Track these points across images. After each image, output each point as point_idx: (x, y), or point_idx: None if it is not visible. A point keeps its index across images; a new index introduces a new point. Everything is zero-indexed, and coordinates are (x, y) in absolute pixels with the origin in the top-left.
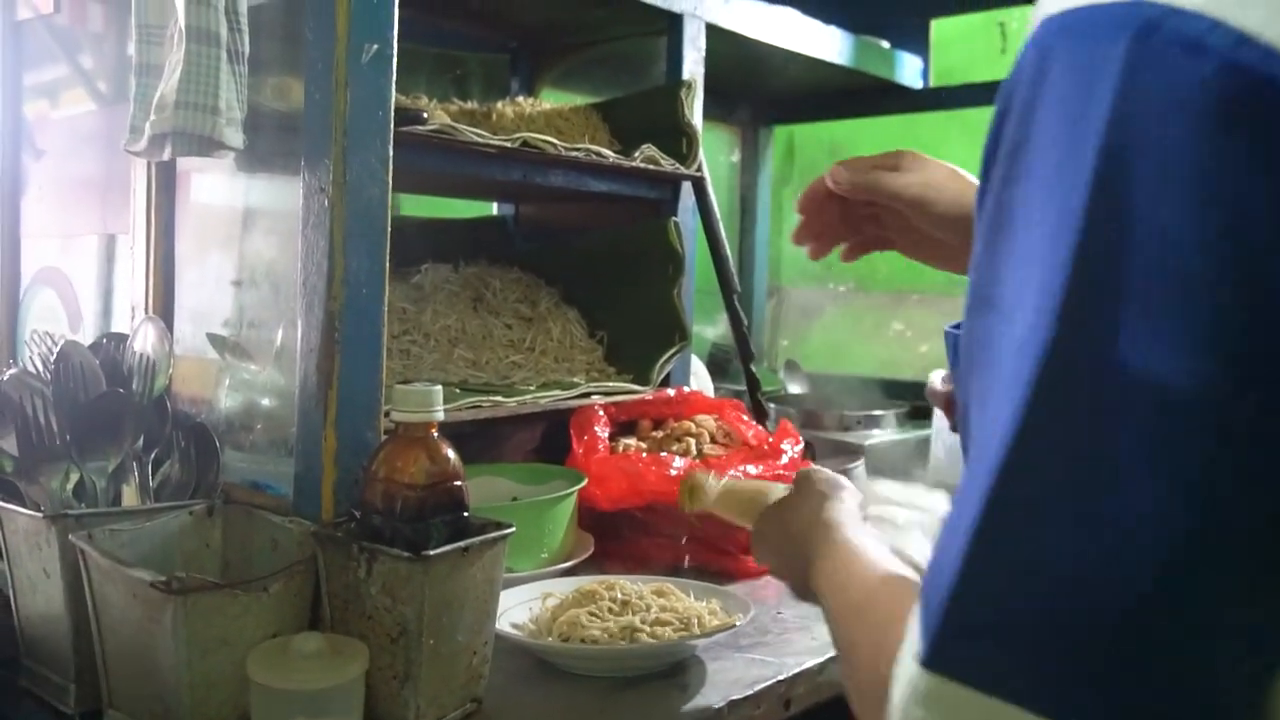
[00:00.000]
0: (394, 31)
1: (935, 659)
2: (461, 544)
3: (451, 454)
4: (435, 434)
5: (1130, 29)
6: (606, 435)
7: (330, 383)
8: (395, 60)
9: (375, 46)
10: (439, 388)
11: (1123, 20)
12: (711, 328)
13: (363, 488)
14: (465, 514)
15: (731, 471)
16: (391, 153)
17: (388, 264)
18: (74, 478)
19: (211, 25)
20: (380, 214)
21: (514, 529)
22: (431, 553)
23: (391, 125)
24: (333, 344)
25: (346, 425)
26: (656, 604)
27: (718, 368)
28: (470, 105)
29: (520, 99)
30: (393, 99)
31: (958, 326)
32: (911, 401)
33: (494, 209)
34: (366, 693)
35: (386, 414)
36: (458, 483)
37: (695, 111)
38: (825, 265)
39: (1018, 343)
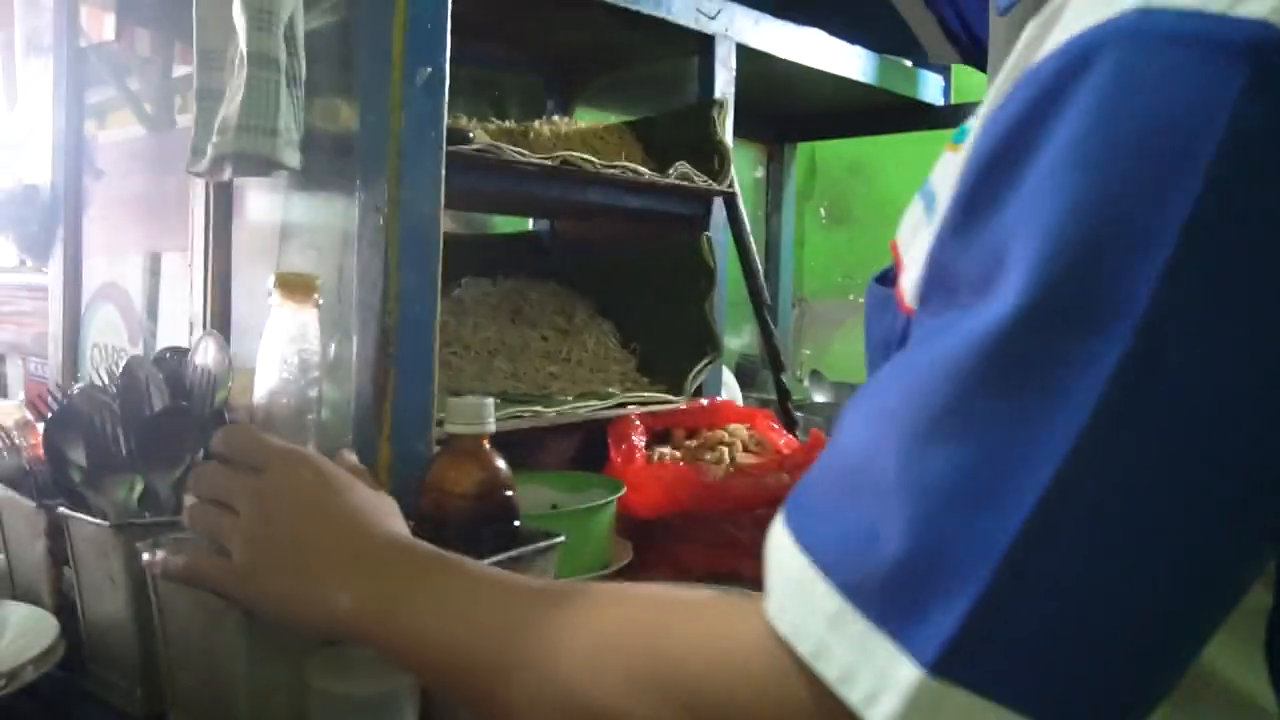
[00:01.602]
0: (446, 56)
1: (952, 666)
2: (513, 552)
3: (503, 465)
4: (487, 445)
5: (1250, 59)
6: (643, 444)
7: (385, 396)
8: (447, 83)
9: (428, 70)
10: (491, 401)
11: (1245, 45)
12: (737, 338)
13: (417, 498)
14: (516, 523)
15: None
16: (444, 172)
17: (440, 280)
18: (139, 488)
19: (271, 51)
20: (433, 232)
21: (564, 538)
22: (489, 560)
23: (444, 146)
24: (387, 358)
25: (400, 438)
26: None
27: (745, 377)
28: (509, 124)
29: (556, 118)
30: (445, 120)
31: (882, 279)
32: None
33: (530, 224)
34: (421, 697)
35: (439, 423)
36: (509, 493)
37: (726, 129)
38: (846, 277)
39: (1074, 351)
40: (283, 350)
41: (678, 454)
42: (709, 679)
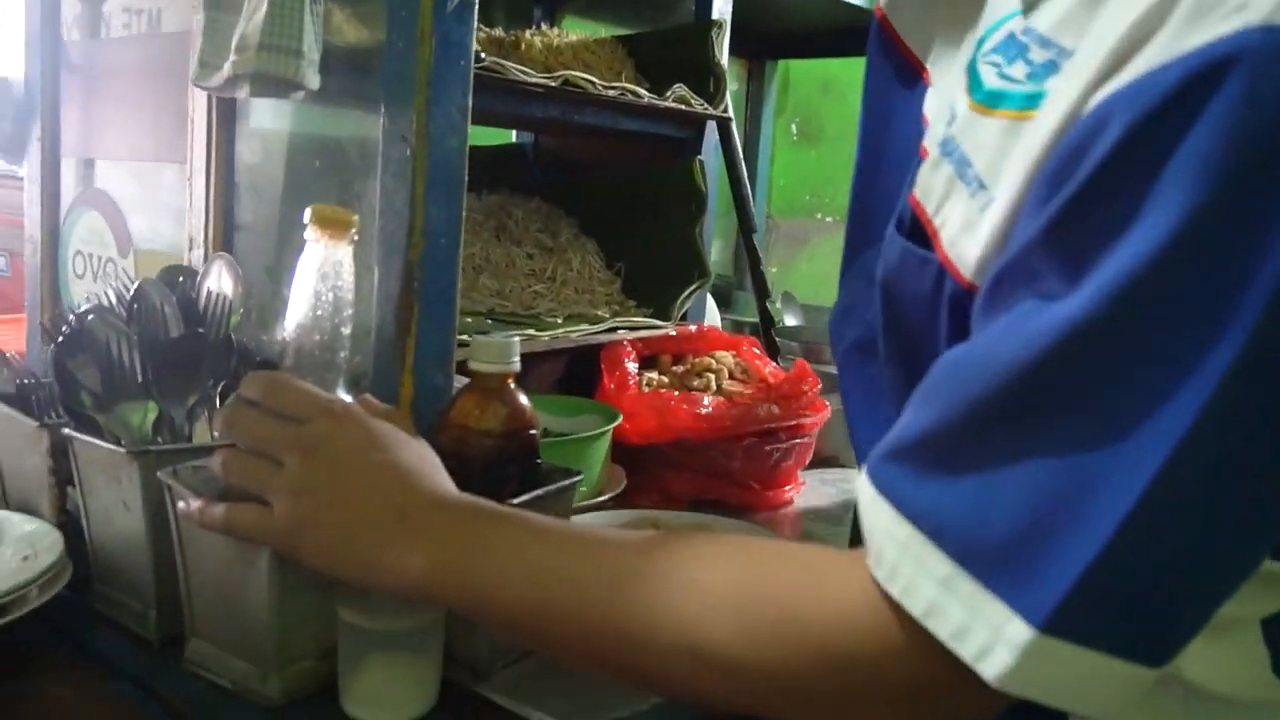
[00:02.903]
0: None
1: (1062, 625)
2: (539, 491)
3: (526, 403)
4: (512, 384)
5: None
6: (636, 370)
7: (409, 331)
8: (476, 9)
9: None
10: (517, 340)
11: None
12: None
13: (437, 433)
14: (538, 461)
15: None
16: (470, 102)
17: (464, 213)
18: (153, 414)
19: None
20: (459, 164)
21: (582, 475)
22: (515, 501)
23: (471, 75)
24: (412, 293)
25: (422, 372)
26: None
27: (719, 298)
28: (497, 33)
29: (545, 28)
30: (473, 48)
31: (900, 228)
32: None
33: (513, 136)
34: (446, 633)
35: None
36: (532, 431)
37: (723, 51)
38: (814, 196)
39: (1205, 341)
40: (316, 286)
41: (665, 380)
42: (832, 630)
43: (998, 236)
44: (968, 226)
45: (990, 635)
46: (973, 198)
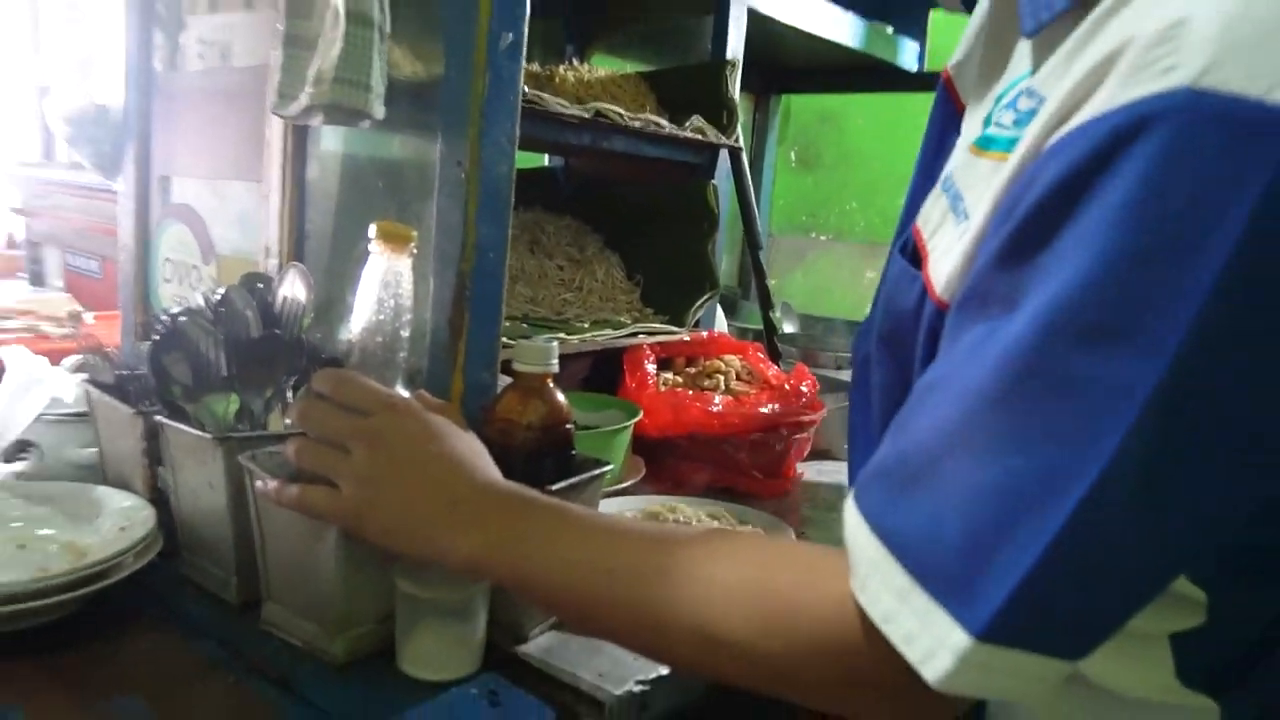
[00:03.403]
0: (526, 22)
1: (997, 633)
2: (573, 480)
3: (563, 400)
4: (550, 383)
5: None
6: (654, 371)
7: (460, 335)
8: (525, 50)
9: (510, 36)
10: (555, 344)
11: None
12: None
13: (482, 426)
14: (573, 453)
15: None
16: (518, 131)
17: (510, 230)
18: (235, 405)
19: (368, 10)
20: (506, 187)
21: (611, 466)
22: (553, 488)
23: (520, 106)
24: (464, 301)
25: (471, 371)
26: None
27: (725, 307)
28: (534, 68)
29: (576, 63)
30: (521, 82)
31: (903, 250)
32: None
33: (545, 159)
34: (491, 602)
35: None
36: (568, 426)
37: (736, 88)
38: (810, 216)
39: (1126, 372)
40: (378, 293)
41: (679, 380)
42: (825, 626)
43: (965, 259)
44: (948, 250)
45: (934, 642)
46: (957, 226)
